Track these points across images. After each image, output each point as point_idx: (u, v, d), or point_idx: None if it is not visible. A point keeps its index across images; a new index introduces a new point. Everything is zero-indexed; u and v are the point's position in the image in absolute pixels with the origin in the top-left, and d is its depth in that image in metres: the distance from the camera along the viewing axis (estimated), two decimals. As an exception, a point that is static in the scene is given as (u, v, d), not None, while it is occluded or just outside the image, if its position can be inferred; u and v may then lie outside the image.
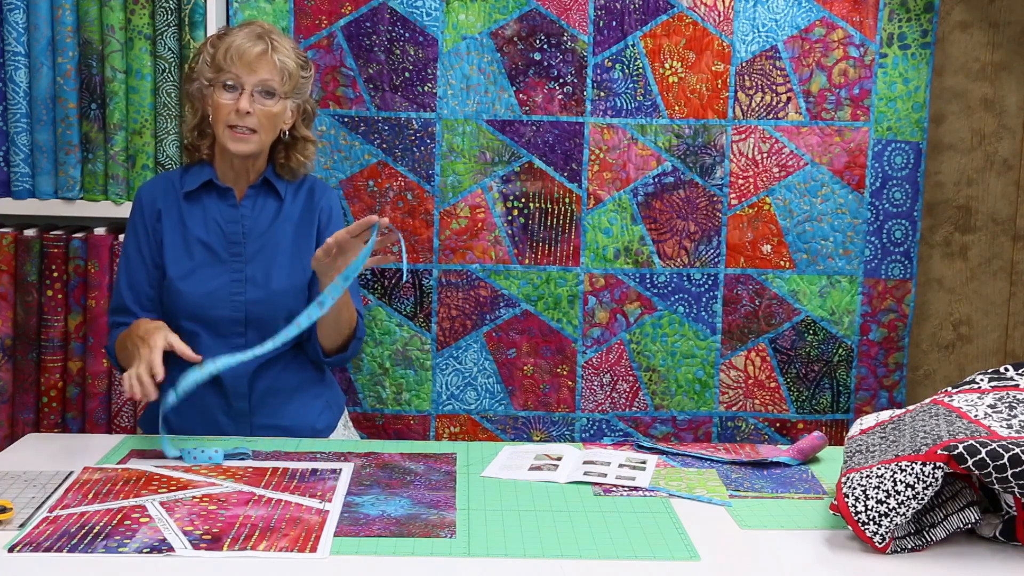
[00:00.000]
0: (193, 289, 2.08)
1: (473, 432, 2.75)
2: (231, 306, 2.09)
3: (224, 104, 2.05)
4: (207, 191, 2.15)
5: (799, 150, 2.71)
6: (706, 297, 2.74)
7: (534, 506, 1.66)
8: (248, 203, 2.15)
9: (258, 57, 2.05)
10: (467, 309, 2.73)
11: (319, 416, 2.20)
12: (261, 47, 2.06)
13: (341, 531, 1.54)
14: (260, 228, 2.15)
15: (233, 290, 2.09)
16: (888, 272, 2.76)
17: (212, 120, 2.09)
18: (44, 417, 2.59)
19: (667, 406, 2.77)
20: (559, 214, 2.71)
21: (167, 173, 2.23)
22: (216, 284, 2.08)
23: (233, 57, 2.04)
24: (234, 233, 2.13)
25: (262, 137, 2.09)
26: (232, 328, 2.10)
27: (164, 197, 2.15)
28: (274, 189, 2.17)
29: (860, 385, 2.79)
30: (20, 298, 2.56)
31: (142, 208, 2.15)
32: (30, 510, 1.58)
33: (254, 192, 2.16)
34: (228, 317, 2.09)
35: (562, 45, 2.66)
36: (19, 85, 2.50)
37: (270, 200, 2.17)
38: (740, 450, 1.97)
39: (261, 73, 2.05)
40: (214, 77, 2.06)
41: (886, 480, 1.49)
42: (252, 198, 2.16)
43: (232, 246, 2.12)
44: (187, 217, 2.13)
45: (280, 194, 2.18)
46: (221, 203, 2.14)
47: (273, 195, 2.18)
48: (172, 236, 2.12)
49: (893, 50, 2.69)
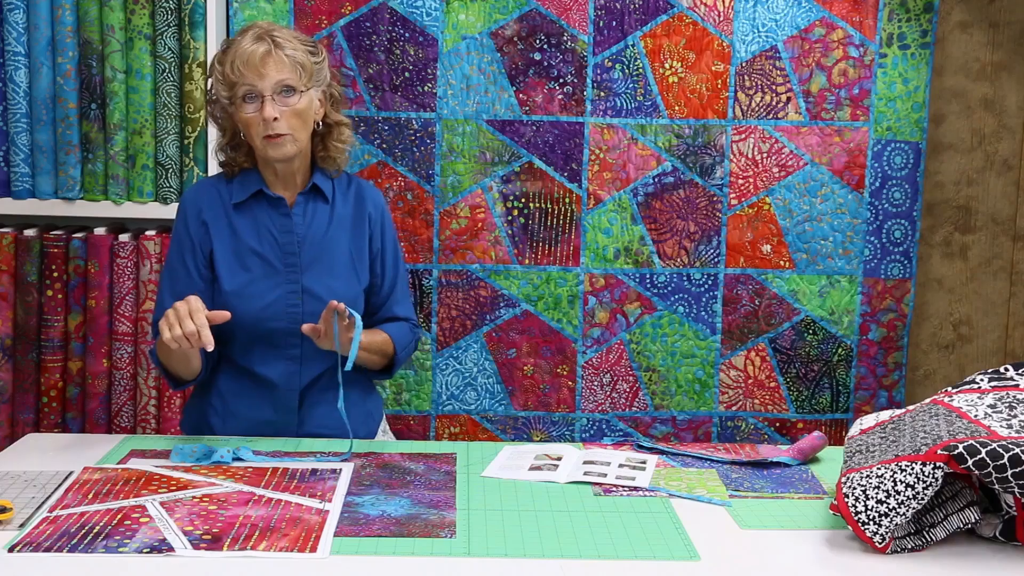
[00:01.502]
0: (250, 303, 2.02)
1: (473, 432, 2.76)
2: (288, 318, 2.03)
3: (251, 118, 1.99)
4: (256, 200, 2.08)
5: (799, 150, 2.71)
6: (706, 297, 2.74)
7: (534, 506, 1.66)
8: (299, 211, 2.08)
9: (264, 59, 1.97)
10: (467, 309, 2.73)
11: (361, 425, 2.14)
12: (264, 48, 1.98)
13: (341, 531, 1.54)
14: (314, 236, 2.08)
15: (290, 302, 2.03)
16: (888, 272, 2.76)
17: (246, 136, 2.03)
18: (44, 417, 2.59)
19: (667, 406, 2.77)
20: (559, 214, 2.71)
21: (211, 180, 2.15)
22: (273, 297, 2.03)
23: (240, 67, 1.97)
24: (288, 243, 2.06)
25: (297, 136, 2.02)
26: (288, 340, 2.04)
27: (210, 207, 2.08)
28: (322, 193, 2.11)
29: (860, 385, 2.79)
30: (20, 298, 2.56)
31: (186, 218, 2.08)
32: (30, 510, 1.58)
33: (304, 199, 2.09)
34: (284, 329, 2.03)
35: (562, 45, 2.66)
36: (19, 85, 2.50)
37: (320, 205, 2.11)
38: (740, 450, 1.97)
39: (273, 74, 1.98)
40: (231, 94, 2.00)
41: (886, 480, 1.49)
42: (303, 205, 2.09)
43: (287, 256, 2.05)
44: (238, 227, 2.06)
45: (328, 197, 2.11)
46: (273, 212, 2.07)
47: (322, 200, 2.11)
48: (223, 248, 2.05)
49: (893, 50, 2.69)
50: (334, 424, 2.06)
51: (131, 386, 2.60)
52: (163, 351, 2.01)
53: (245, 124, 2.01)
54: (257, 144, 2.01)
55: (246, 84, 1.98)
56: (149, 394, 2.60)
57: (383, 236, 2.15)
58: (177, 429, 2.60)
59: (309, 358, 2.05)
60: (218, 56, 2.04)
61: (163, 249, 2.58)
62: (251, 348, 2.05)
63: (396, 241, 2.19)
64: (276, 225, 2.06)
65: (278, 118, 1.98)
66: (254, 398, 2.06)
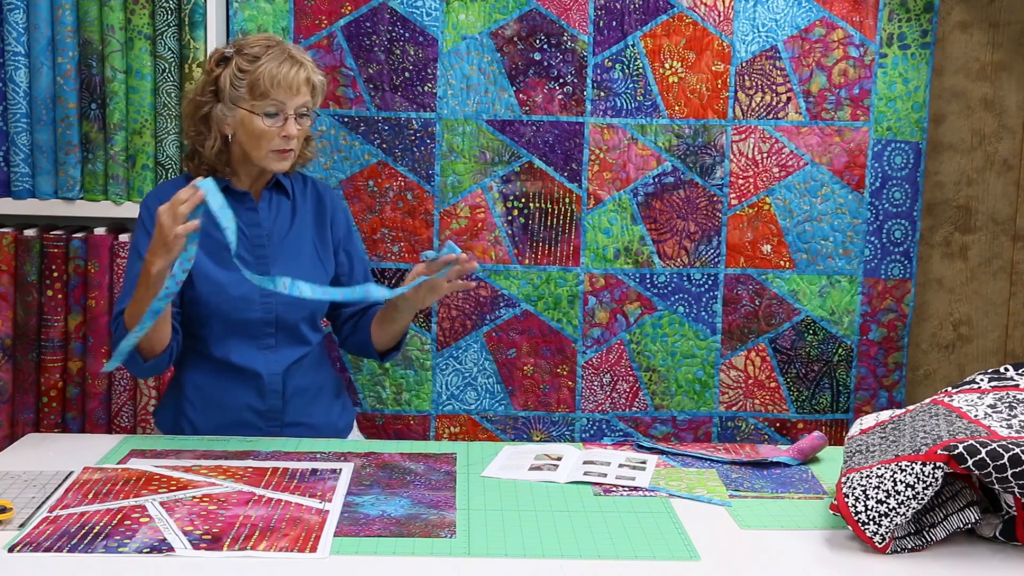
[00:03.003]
0: (226, 295, 2.09)
1: (473, 432, 2.75)
2: (262, 308, 2.12)
3: (268, 131, 2.06)
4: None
5: (799, 150, 2.71)
6: (706, 297, 2.74)
7: (534, 506, 1.66)
8: (264, 205, 2.18)
9: (302, 83, 2.08)
10: (467, 309, 2.73)
11: (340, 416, 2.26)
12: (304, 73, 2.08)
13: (341, 531, 1.54)
14: (281, 229, 2.18)
15: (263, 293, 2.09)
16: (888, 272, 2.76)
17: (247, 143, 2.08)
18: (44, 417, 2.59)
19: (667, 406, 2.77)
20: (559, 214, 2.71)
21: (172, 181, 2.23)
22: (247, 288, 2.08)
23: (278, 84, 2.04)
24: (257, 236, 2.15)
25: (296, 151, 2.14)
26: (263, 330, 2.12)
27: None
28: (284, 189, 2.21)
29: (860, 385, 2.79)
30: (20, 298, 2.56)
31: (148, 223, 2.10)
32: (30, 510, 1.58)
33: (268, 193, 2.19)
34: (259, 319, 2.12)
35: (562, 45, 2.66)
36: (19, 85, 2.50)
37: (283, 200, 2.21)
38: (740, 450, 1.97)
39: (302, 96, 2.08)
40: (256, 104, 2.06)
41: (886, 480, 1.49)
42: (267, 199, 2.19)
43: (256, 249, 2.14)
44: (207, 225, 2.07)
45: (289, 192, 2.22)
46: (240, 207, 2.13)
47: (283, 194, 2.22)
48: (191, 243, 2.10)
49: (893, 50, 2.69)
50: (318, 413, 2.18)
51: (131, 386, 2.60)
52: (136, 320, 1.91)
53: (257, 134, 2.07)
54: (260, 154, 2.09)
55: (275, 101, 2.06)
56: (149, 394, 2.60)
57: (347, 225, 2.28)
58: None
59: (284, 345, 2.14)
60: (238, 62, 2.07)
61: (163, 249, 2.58)
62: (226, 339, 2.11)
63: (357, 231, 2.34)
64: (244, 220, 2.14)
65: (295, 137, 2.08)
66: (235, 388, 2.12)
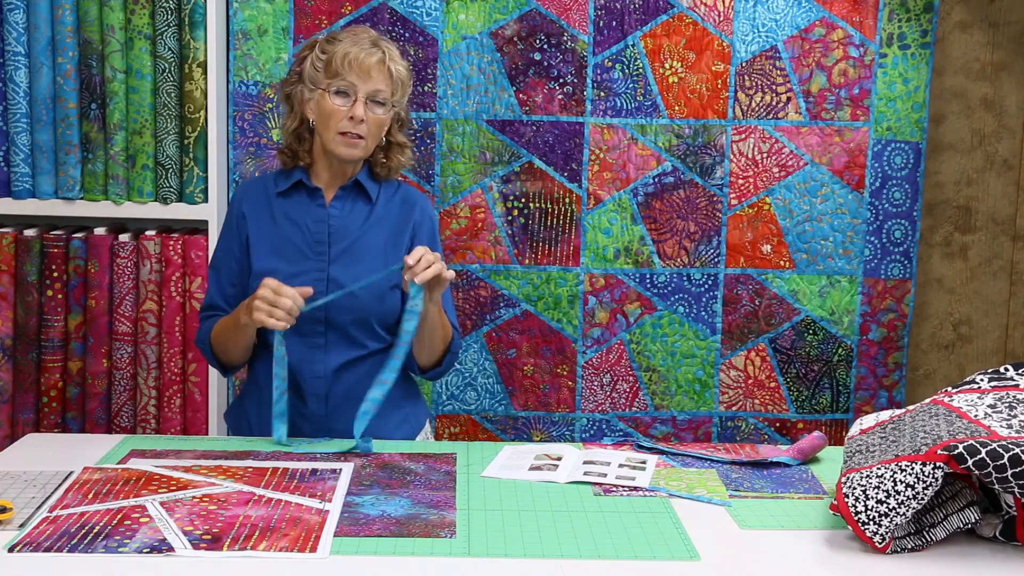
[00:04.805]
0: None
1: (473, 432, 2.75)
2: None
3: (337, 109, 2.04)
4: (297, 191, 2.14)
5: (799, 150, 2.71)
6: (706, 297, 2.74)
7: (534, 506, 1.66)
8: (338, 204, 2.13)
9: (375, 66, 2.05)
10: (467, 309, 2.73)
11: (396, 429, 2.14)
12: (378, 56, 2.05)
13: (341, 531, 1.54)
14: (349, 230, 2.12)
15: (316, 290, 2.04)
16: (888, 272, 2.76)
17: (319, 124, 2.08)
18: (44, 417, 2.59)
19: (667, 406, 2.77)
20: (559, 214, 2.71)
21: (264, 176, 2.23)
22: (299, 283, 2.03)
23: (351, 64, 2.03)
24: (319, 232, 2.10)
25: (369, 143, 2.08)
26: (312, 328, 2.07)
27: (251, 199, 2.15)
28: (365, 192, 2.15)
29: (860, 385, 2.79)
30: (20, 298, 2.56)
31: (231, 213, 2.16)
32: (30, 510, 1.58)
33: (344, 193, 2.14)
34: (308, 316, 2.05)
35: (562, 45, 2.66)
36: (19, 85, 2.51)
37: (360, 203, 2.15)
38: (740, 450, 1.97)
39: (376, 82, 2.05)
40: (329, 82, 2.05)
41: (886, 480, 1.49)
42: (342, 199, 2.13)
43: (317, 245, 2.10)
44: (277, 216, 2.12)
45: (371, 197, 2.15)
46: (310, 203, 2.12)
47: (364, 198, 2.15)
48: (258, 234, 2.11)
49: (893, 50, 2.69)
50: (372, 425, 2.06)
51: (131, 386, 2.60)
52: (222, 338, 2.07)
53: (326, 113, 2.05)
54: (329, 136, 2.06)
55: (347, 81, 2.04)
56: (149, 394, 2.60)
57: (431, 237, 2.18)
58: (177, 429, 2.61)
59: (334, 347, 2.09)
60: (321, 44, 2.08)
61: (163, 249, 2.58)
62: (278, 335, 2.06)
63: (440, 248, 2.19)
64: (310, 215, 2.11)
65: (364, 121, 2.04)
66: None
